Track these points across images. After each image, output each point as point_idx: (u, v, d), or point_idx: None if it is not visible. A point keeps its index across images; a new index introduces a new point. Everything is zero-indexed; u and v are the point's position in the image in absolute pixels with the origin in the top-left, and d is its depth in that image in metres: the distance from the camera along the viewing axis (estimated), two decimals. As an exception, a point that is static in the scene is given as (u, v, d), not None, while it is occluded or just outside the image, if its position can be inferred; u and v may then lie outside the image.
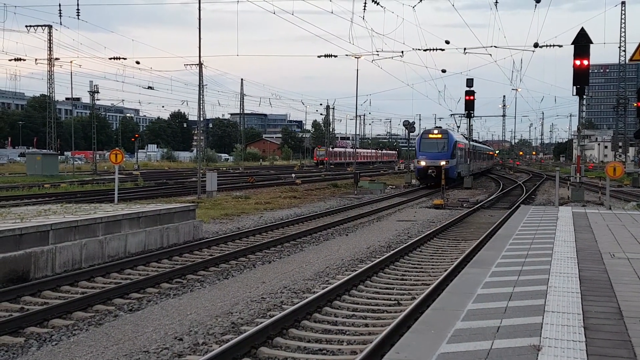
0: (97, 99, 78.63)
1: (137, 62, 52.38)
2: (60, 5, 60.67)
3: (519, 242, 13.12)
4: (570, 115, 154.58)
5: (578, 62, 26.36)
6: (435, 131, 47.18)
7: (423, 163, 44.59)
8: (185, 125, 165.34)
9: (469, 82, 48.61)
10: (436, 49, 38.91)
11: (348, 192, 39.41)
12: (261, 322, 8.93)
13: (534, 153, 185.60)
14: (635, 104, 38.31)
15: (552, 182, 42.37)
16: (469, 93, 49.13)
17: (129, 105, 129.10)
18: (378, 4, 31.41)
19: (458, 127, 73.82)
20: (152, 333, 8.70)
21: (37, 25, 62.02)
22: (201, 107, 38.03)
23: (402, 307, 10.19)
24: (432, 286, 10.93)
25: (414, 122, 57.38)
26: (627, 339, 6.14)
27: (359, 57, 46.21)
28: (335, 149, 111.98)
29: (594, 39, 26.64)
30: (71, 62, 62.97)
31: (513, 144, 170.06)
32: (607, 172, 23.52)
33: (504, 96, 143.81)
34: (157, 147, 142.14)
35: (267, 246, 16.16)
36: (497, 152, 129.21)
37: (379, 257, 14.63)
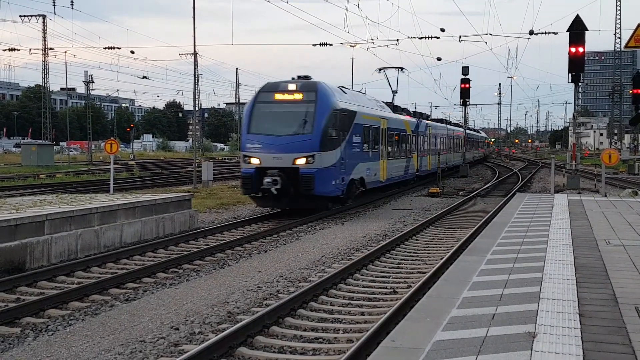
0: (92, 89, 78.47)
1: (132, 52, 52.18)
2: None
3: (514, 229, 13.14)
4: (566, 103, 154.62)
5: (573, 50, 26.37)
6: (291, 86, 20.63)
7: (254, 161, 19.74)
8: (180, 115, 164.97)
9: (465, 70, 48.58)
10: (431, 37, 38.80)
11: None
12: (257, 311, 8.93)
13: (529, 141, 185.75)
14: (630, 91, 38.35)
15: (548, 169, 42.46)
16: (465, 81, 49.11)
17: (124, 95, 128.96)
18: (373, -9, 31.26)
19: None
20: (148, 322, 8.70)
21: (31, 15, 61.75)
22: (196, 96, 38.00)
23: (398, 295, 10.21)
24: (428, 274, 10.95)
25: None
26: (622, 325, 6.16)
27: (354, 46, 46.03)
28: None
29: (589, 26, 26.69)
30: (66, 52, 62.62)
31: (509, 131, 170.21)
32: (602, 160, 23.55)
33: (500, 84, 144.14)
34: (153, 137, 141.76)
35: (263, 235, 16.16)
36: (492, 140, 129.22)
37: (375, 246, 14.64)
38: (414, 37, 38.47)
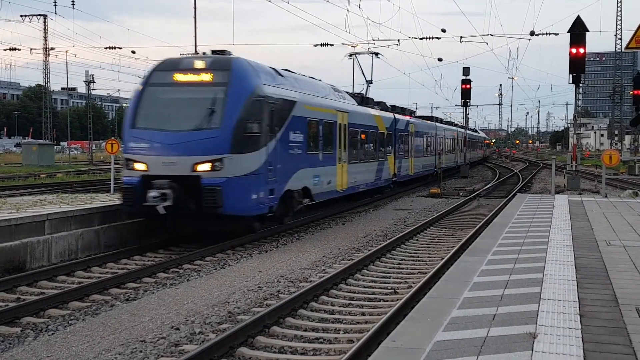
0: (93, 89, 78.52)
1: (133, 52, 52.25)
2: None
3: (515, 230, 13.13)
4: (567, 104, 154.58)
5: (574, 50, 26.34)
6: (198, 63, 15.10)
7: (139, 166, 14.26)
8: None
9: (466, 70, 48.62)
10: (432, 38, 38.80)
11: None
12: (258, 312, 8.93)
13: (530, 141, 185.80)
14: (631, 92, 38.33)
15: (549, 170, 42.45)
16: (466, 82, 49.16)
17: (125, 94, 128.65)
18: (374, -8, 31.26)
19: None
20: (148, 322, 8.70)
21: (32, 15, 61.77)
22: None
23: (399, 295, 10.20)
24: (428, 275, 10.95)
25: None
26: (623, 326, 6.16)
27: (356, 46, 45.99)
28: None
29: (590, 27, 26.60)
30: (66, 51, 62.74)
31: (509, 132, 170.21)
32: (603, 160, 23.54)
33: (501, 85, 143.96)
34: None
35: (263, 235, 16.15)
36: (493, 140, 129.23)
37: (375, 246, 14.64)
38: (415, 38, 38.50)
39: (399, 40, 38.14)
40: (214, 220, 14.16)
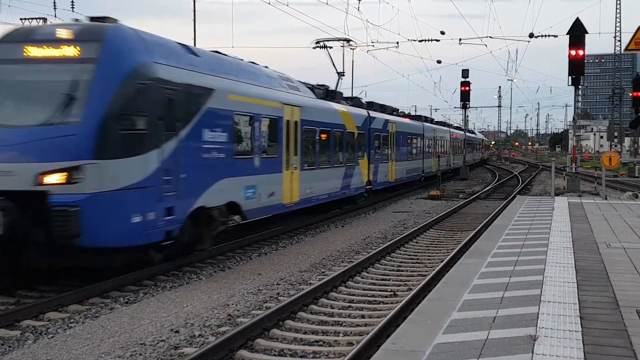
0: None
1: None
2: (55, 1, 60.27)
3: (515, 232, 13.13)
4: (566, 106, 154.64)
5: (573, 52, 26.38)
6: (61, 32, 10.89)
7: None
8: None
9: (465, 72, 48.68)
10: (431, 40, 38.76)
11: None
12: (257, 314, 8.92)
13: (529, 143, 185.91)
14: (630, 94, 38.38)
15: (548, 172, 42.46)
16: (465, 84, 49.21)
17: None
18: (373, -6, 31.31)
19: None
20: (148, 325, 8.69)
21: (32, 18, 61.61)
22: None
23: (399, 298, 10.19)
24: (428, 277, 10.93)
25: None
26: (623, 328, 6.15)
27: (355, 48, 46.06)
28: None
29: (589, 29, 26.66)
30: (66, 54, 62.53)
31: (509, 134, 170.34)
32: (602, 162, 23.57)
33: (500, 87, 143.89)
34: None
35: (262, 238, 16.14)
36: (492, 142, 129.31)
37: (375, 249, 14.63)
38: (414, 40, 38.45)
39: (397, 43, 38.10)
40: (73, 254, 10.24)
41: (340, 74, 25.66)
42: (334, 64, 25.07)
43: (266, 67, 17.49)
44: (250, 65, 16.27)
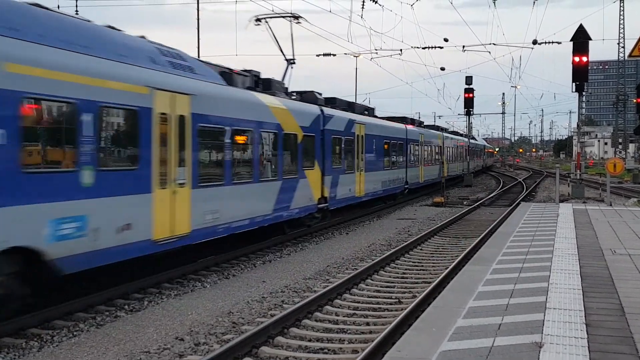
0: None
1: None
2: (59, 6, 60.54)
3: (519, 239, 13.11)
4: (570, 112, 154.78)
5: (577, 59, 26.35)
6: None
7: None
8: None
9: (468, 79, 48.59)
10: (435, 47, 38.80)
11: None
12: (262, 322, 8.91)
13: (533, 150, 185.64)
14: (634, 100, 38.33)
15: (552, 179, 42.37)
16: (468, 91, 49.12)
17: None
18: (376, 2, 31.35)
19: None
20: (153, 333, 8.69)
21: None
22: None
23: (403, 305, 10.17)
24: (433, 284, 10.91)
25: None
26: (629, 335, 6.13)
27: (358, 56, 46.01)
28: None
29: (592, 35, 26.65)
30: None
31: (513, 141, 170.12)
32: (607, 169, 23.52)
33: (503, 93, 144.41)
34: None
35: (267, 245, 16.13)
36: (497, 149, 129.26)
37: (379, 256, 14.61)
38: (417, 47, 38.46)
39: (401, 50, 38.14)
40: None
41: (290, 61, 20.19)
42: (280, 49, 19.94)
43: (143, 37, 12.51)
44: (83, 24, 10.60)
